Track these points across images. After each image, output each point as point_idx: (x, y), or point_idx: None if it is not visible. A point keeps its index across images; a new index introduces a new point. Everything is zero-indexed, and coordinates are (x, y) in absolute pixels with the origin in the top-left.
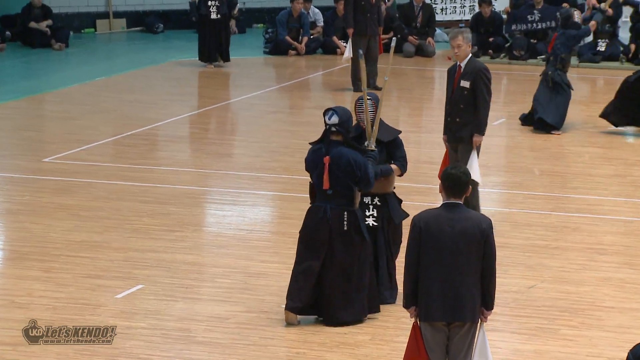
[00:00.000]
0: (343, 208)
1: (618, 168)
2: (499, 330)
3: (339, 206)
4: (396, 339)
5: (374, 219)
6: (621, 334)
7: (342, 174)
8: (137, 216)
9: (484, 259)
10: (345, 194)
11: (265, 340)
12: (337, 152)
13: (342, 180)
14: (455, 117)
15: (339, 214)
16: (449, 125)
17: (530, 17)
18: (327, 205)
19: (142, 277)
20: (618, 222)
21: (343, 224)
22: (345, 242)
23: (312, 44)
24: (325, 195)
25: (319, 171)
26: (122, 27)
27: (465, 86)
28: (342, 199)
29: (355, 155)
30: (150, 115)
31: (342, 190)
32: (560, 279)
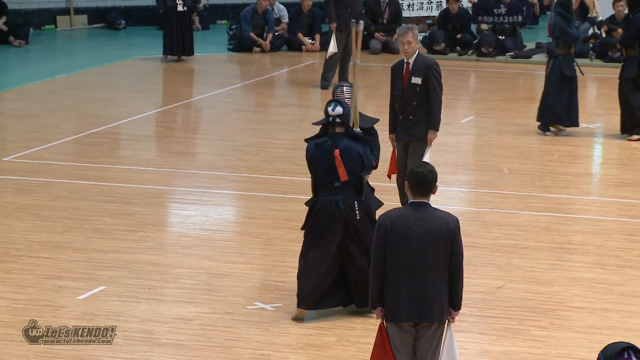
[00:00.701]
0: (353, 198)
1: (587, 167)
2: (467, 331)
3: (349, 197)
4: (362, 340)
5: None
6: (591, 335)
7: (353, 166)
8: (99, 216)
9: (451, 258)
10: (353, 185)
11: (230, 342)
12: (345, 144)
13: (352, 171)
14: (408, 115)
15: (351, 205)
16: (402, 124)
17: (496, 11)
18: (337, 198)
19: (104, 278)
20: (588, 221)
21: (355, 213)
22: (361, 228)
23: (277, 41)
24: (334, 188)
25: (328, 165)
26: (83, 24)
27: (417, 82)
28: (351, 189)
29: (361, 145)
30: (112, 113)
31: (352, 182)
32: (529, 279)
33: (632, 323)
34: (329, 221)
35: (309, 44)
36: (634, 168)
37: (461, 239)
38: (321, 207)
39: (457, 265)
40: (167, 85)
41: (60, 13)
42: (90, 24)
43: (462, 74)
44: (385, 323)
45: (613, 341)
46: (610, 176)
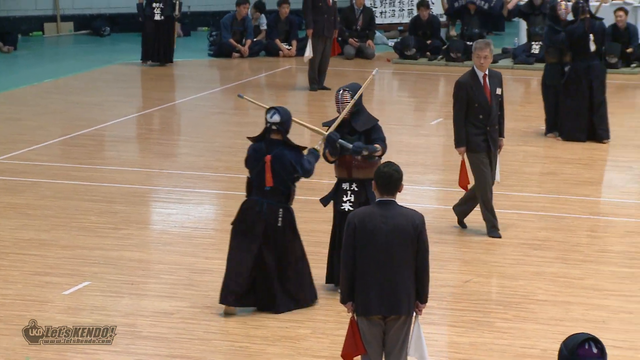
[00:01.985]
0: (279, 205)
1: (551, 166)
2: (435, 324)
3: (276, 203)
4: (336, 333)
5: (350, 204)
6: (554, 326)
7: (283, 173)
8: (84, 215)
9: (417, 253)
10: (282, 191)
11: (209, 335)
12: (278, 151)
13: (281, 178)
14: (494, 125)
15: (275, 211)
16: (490, 134)
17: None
18: (264, 201)
19: (89, 274)
20: (551, 218)
21: (278, 220)
22: (279, 237)
23: (255, 47)
24: (263, 192)
25: (260, 169)
26: (70, 30)
27: (499, 93)
28: (279, 196)
29: (295, 154)
30: (97, 116)
31: (280, 188)
32: (495, 273)
33: (592, 315)
34: (251, 221)
35: (286, 49)
36: (594, 168)
37: (427, 234)
38: (248, 207)
39: (423, 260)
40: (150, 90)
41: (48, 20)
42: (76, 30)
43: (432, 78)
44: (356, 317)
45: (575, 332)
46: (572, 175)
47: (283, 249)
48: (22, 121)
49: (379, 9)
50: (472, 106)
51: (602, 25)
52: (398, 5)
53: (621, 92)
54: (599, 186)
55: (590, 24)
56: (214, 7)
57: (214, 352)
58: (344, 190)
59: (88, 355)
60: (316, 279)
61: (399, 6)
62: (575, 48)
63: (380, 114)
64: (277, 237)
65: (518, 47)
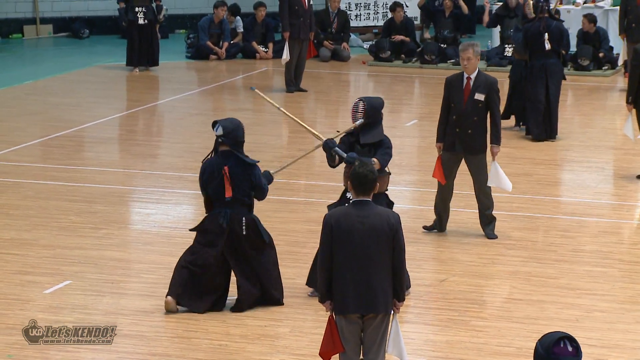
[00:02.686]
0: (242, 214)
1: (525, 167)
2: (412, 322)
3: (238, 212)
4: (314, 331)
5: None
6: (529, 325)
7: (240, 182)
8: (64, 215)
9: (393, 252)
10: (243, 201)
11: (189, 333)
12: (234, 161)
13: (240, 187)
14: (467, 129)
15: (238, 220)
16: (459, 136)
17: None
18: (226, 211)
19: (69, 273)
20: (525, 218)
21: (242, 228)
22: (245, 244)
23: (232, 49)
24: (225, 203)
25: (218, 181)
26: (49, 33)
27: (479, 99)
28: (241, 206)
29: (248, 166)
30: (77, 118)
31: (241, 198)
32: (470, 272)
33: (567, 314)
34: (215, 231)
35: (262, 52)
36: (566, 169)
37: (402, 234)
38: (210, 217)
39: (399, 258)
40: (128, 91)
41: (27, 23)
42: (55, 33)
43: (407, 80)
44: (334, 315)
45: (549, 331)
46: (545, 176)
47: (253, 255)
48: (2, 122)
49: (354, 12)
50: (449, 105)
51: (559, 25)
52: (373, 8)
53: (593, 94)
54: (572, 187)
55: (547, 23)
56: (192, 10)
57: (194, 350)
58: (348, 199)
59: (69, 354)
60: (293, 278)
61: (374, 9)
62: (532, 46)
63: None
64: (242, 245)
65: (491, 50)
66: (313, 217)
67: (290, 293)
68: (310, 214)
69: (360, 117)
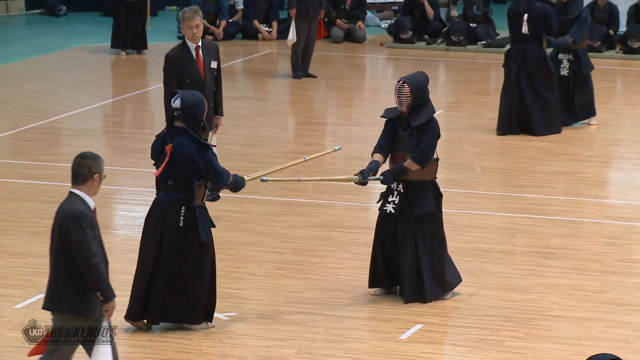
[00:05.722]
0: (181, 202)
1: (567, 164)
2: (437, 342)
3: (178, 200)
4: (325, 352)
5: (393, 206)
6: (570, 346)
7: (184, 165)
8: (38, 218)
9: None
10: (185, 187)
11: (181, 355)
12: (180, 141)
13: (179, 171)
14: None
15: (177, 209)
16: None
17: None
18: (165, 197)
19: (43, 285)
20: (567, 223)
21: (179, 219)
22: (179, 240)
23: (231, 29)
24: (166, 187)
25: (162, 160)
26: (21, 10)
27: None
28: (182, 192)
29: (198, 148)
30: (52, 107)
31: (182, 183)
32: (504, 285)
33: (614, 333)
34: (154, 220)
35: (265, 32)
36: (614, 166)
37: None
38: (153, 206)
39: None
40: (113, 77)
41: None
42: (27, 10)
43: (431, 64)
44: None
45: (594, 353)
46: (590, 175)
47: (184, 255)
48: None
49: None
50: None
51: (543, 7)
52: None
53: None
54: (621, 187)
55: (528, 4)
56: None
57: None
58: (391, 189)
59: None
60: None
61: None
62: (511, 27)
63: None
64: (177, 239)
65: None
66: (322, 221)
67: (297, 309)
68: (319, 218)
69: (407, 102)
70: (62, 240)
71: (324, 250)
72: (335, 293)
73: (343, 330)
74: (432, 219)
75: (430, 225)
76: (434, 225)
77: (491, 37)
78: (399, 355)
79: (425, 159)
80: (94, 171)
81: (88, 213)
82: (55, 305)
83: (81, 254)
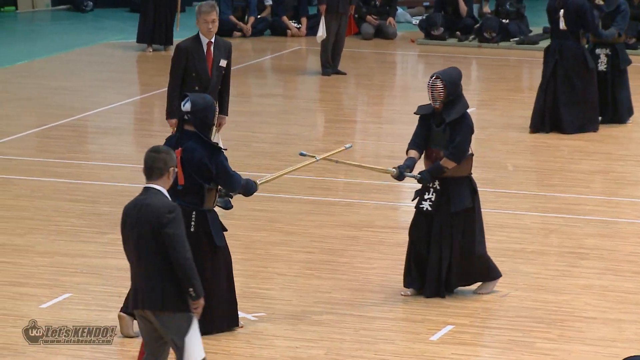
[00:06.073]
0: (192, 207)
1: (600, 163)
2: (468, 344)
3: (189, 204)
4: (354, 354)
5: (430, 203)
6: (604, 348)
7: (193, 170)
8: (64, 217)
9: None
10: (196, 191)
11: (209, 356)
12: (189, 145)
13: (190, 176)
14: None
15: (187, 214)
16: None
17: None
18: (175, 202)
19: (70, 284)
20: (601, 223)
21: (190, 224)
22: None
23: (260, 25)
24: (176, 191)
25: None
26: (47, 5)
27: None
28: (192, 196)
29: (209, 152)
30: (78, 104)
31: (192, 188)
32: (536, 286)
33: None
34: None
35: (294, 28)
36: None
37: None
38: None
39: None
40: (139, 74)
41: None
42: (54, 5)
43: (463, 61)
44: None
45: (628, 355)
46: (624, 174)
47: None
48: None
49: None
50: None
51: (578, 2)
52: None
53: None
54: None
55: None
56: None
57: None
58: (426, 187)
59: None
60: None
61: None
62: (551, 24)
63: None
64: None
65: None
66: (352, 220)
67: (326, 309)
68: (349, 217)
69: (441, 98)
70: (157, 237)
71: (353, 249)
72: (364, 293)
73: (372, 331)
74: (468, 215)
75: (466, 221)
76: (470, 221)
77: (524, 34)
78: (430, 357)
79: (460, 154)
80: (170, 165)
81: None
82: (157, 303)
83: (177, 249)
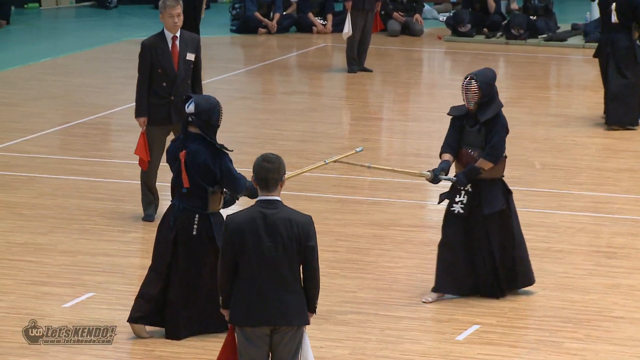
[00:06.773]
0: (195, 210)
1: (629, 161)
2: (495, 344)
3: (192, 207)
4: (378, 353)
5: (461, 206)
6: (632, 348)
7: (196, 173)
8: (87, 215)
9: None
10: (199, 194)
11: None
12: (193, 148)
13: (194, 179)
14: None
15: (190, 217)
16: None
17: None
18: (179, 205)
19: (92, 283)
20: (629, 222)
21: (192, 227)
22: (193, 248)
23: (285, 22)
24: (180, 194)
25: (177, 166)
26: (71, 2)
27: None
28: (196, 200)
29: (213, 154)
30: (103, 102)
31: (196, 191)
32: (563, 285)
33: None
34: (166, 227)
35: (320, 25)
36: None
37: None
38: (166, 214)
39: None
40: None
41: None
42: (78, 2)
43: (490, 58)
44: None
45: None
46: None
47: (197, 262)
48: (15, 107)
49: None
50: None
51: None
52: None
53: None
54: None
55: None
56: None
57: None
58: (457, 189)
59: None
60: (354, 290)
61: None
62: (602, 17)
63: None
64: (191, 247)
65: (590, 23)
66: (378, 219)
67: (351, 309)
68: (375, 216)
69: (475, 99)
70: (300, 250)
71: (379, 248)
72: (390, 293)
73: (398, 331)
74: (503, 216)
75: (501, 223)
76: (505, 223)
77: (552, 31)
78: (456, 357)
79: (497, 154)
80: (283, 172)
81: None
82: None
83: (316, 259)
